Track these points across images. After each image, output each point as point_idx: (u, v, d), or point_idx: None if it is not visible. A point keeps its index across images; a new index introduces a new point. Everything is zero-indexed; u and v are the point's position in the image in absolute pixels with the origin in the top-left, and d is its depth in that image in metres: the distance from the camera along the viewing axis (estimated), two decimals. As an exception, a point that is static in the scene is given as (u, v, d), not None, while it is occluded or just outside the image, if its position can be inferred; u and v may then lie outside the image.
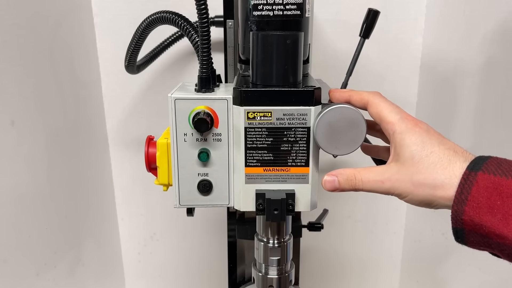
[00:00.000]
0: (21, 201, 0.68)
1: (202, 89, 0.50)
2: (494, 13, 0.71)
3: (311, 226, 0.77)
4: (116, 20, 0.88)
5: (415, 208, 0.44)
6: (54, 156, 0.77)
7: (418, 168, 0.42)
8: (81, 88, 0.85)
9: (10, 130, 0.65)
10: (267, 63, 0.46)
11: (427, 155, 0.42)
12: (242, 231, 0.73)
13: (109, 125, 0.95)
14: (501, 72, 0.71)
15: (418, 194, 0.43)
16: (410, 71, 0.92)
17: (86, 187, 0.88)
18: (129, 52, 0.70)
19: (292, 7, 0.48)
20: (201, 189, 0.50)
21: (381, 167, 0.46)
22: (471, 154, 0.43)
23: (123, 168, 0.98)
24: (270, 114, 0.46)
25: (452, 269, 0.88)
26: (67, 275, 0.82)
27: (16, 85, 0.65)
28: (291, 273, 0.60)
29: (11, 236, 0.66)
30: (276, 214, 0.48)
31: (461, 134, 0.81)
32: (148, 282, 1.08)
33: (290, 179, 0.49)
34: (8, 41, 0.63)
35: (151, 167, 0.53)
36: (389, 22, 0.88)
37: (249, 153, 0.48)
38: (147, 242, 1.04)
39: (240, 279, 0.79)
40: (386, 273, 1.07)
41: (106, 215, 0.99)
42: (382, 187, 0.44)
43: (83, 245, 0.88)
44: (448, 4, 0.83)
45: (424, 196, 0.42)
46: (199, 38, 0.49)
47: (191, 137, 0.49)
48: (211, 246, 1.04)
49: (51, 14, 0.75)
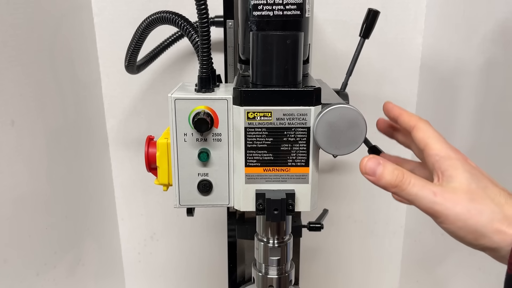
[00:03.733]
0: (21, 201, 0.68)
1: (202, 89, 0.50)
2: (494, 13, 0.71)
3: (311, 226, 0.77)
4: (116, 20, 0.88)
5: (415, 208, 0.43)
6: (54, 156, 0.77)
7: (476, 195, 0.39)
8: (81, 88, 0.85)
9: (10, 130, 0.65)
10: (267, 63, 0.46)
11: (484, 188, 0.39)
12: (242, 231, 0.73)
13: (109, 125, 0.96)
14: (501, 72, 0.71)
15: (471, 221, 0.38)
16: (410, 71, 0.92)
17: (86, 187, 0.88)
18: (129, 52, 0.70)
19: (292, 7, 0.48)
20: (201, 189, 0.50)
21: (430, 182, 0.41)
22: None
23: (123, 168, 0.98)
24: (270, 114, 0.46)
25: (452, 269, 0.88)
26: (67, 275, 0.82)
27: (16, 85, 0.65)
28: (291, 273, 0.60)
29: (11, 236, 0.66)
30: (276, 214, 0.48)
31: (461, 134, 0.81)
32: (148, 282, 1.08)
33: (290, 179, 0.49)
34: (8, 41, 0.63)
35: (151, 167, 0.53)
36: (389, 22, 0.88)
37: (249, 153, 0.48)
38: (147, 242, 1.04)
39: (240, 279, 0.79)
40: (386, 273, 1.07)
41: (106, 215, 0.99)
42: (431, 199, 0.39)
43: (83, 245, 0.88)
44: (448, 4, 0.83)
45: (478, 226, 0.38)
46: (199, 38, 0.48)
47: (191, 137, 0.49)
48: (211, 246, 1.04)
49: (51, 14, 0.75)
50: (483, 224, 0.38)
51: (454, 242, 0.43)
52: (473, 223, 0.38)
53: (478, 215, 0.38)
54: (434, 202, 0.39)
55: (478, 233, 0.38)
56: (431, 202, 0.39)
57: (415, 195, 0.40)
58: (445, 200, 0.39)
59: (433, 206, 0.39)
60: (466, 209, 0.38)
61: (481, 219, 0.38)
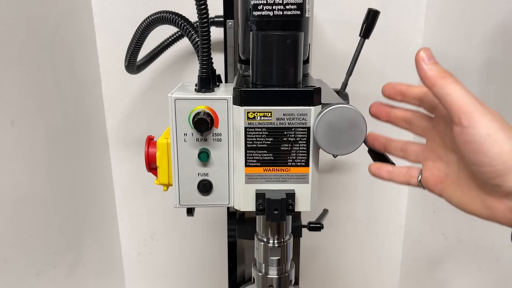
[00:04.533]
0: (21, 201, 0.68)
1: (202, 89, 0.50)
2: (494, 13, 0.71)
3: (311, 226, 0.77)
4: (116, 20, 0.88)
5: (415, 208, 0.43)
6: (54, 156, 0.77)
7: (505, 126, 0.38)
8: (81, 88, 0.85)
9: (10, 130, 0.65)
10: (267, 63, 0.46)
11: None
12: (242, 231, 0.73)
13: (109, 125, 0.96)
14: (501, 72, 0.71)
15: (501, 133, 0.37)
16: (410, 71, 0.92)
17: (86, 187, 0.88)
18: (129, 52, 0.70)
19: (292, 7, 0.48)
20: (201, 189, 0.50)
21: None
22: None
23: (123, 168, 0.98)
24: (270, 114, 0.46)
25: (452, 269, 0.88)
26: (67, 275, 0.82)
27: (16, 85, 0.65)
28: (291, 273, 0.60)
29: (11, 236, 0.66)
30: (276, 214, 0.48)
31: (461, 134, 0.81)
32: (148, 282, 1.08)
33: (290, 179, 0.49)
34: (8, 41, 0.63)
35: (151, 167, 0.53)
36: (389, 22, 0.88)
37: (249, 153, 0.48)
38: (147, 242, 1.04)
39: (240, 279, 0.79)
40: (386, 273, 1.07)
41: (106, 215, 0.99)
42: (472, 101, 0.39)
43: (83, 245, 0.88)
44: (448, 4, 0.83)
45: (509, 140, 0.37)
46: (199, 38, 0.49)
47: (191, 137, 0.49)
48: (211, 246, 1.04)
49: (51, 14, 0.75)
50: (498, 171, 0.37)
51: (454, 242, 0.42)
52: (504, 135, 0.37)
53: (511, 133, 0.38)
54: (473, 104, 0.39)
55: (506, 146, 0.37)
56: (470, 102, 0.39)
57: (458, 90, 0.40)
58: (484, 108, 0.39)
59: (472, 107, 0.39)
60: (501, 123, 0.38)
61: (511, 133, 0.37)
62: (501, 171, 0.38)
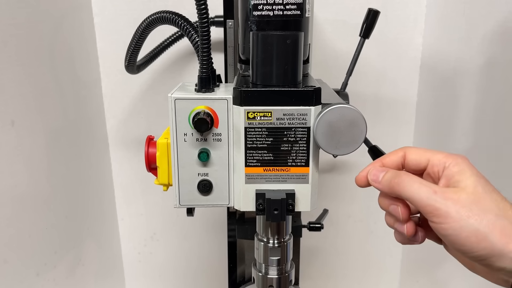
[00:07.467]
0: (21, 201, 0.68)
1: (202, 89, 0.50)
2: (494, 13, 0.71)
3: (311, 226, 0.77)
4: (116, 20, 0.88)
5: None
6: (54, 156, 0.77)
7: (480, 198, 0.38)
8: (81, 88, 0.85)
9: (10, 130, 0.65)
10: (267, 63, 0.46)
11: (490, 192, 0.38)
12: (242, 231, 0.73)
13: (109, 125, 0.96)
14: (501, 72, 0.71)
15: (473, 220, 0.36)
16: (410, 71, 0.92)
17: (86, 187, 0.88)
18: (129, 52, 0.70)
19: (292, 7, 0.48)
20: (201, 189, 0.50)
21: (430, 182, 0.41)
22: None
23: (123, 168, 0.98)
24: (270, 114, 0.46)
25: (452, 269, 0.88)
26: (67, 275, 0.82)
27: (16, 85, 0.65)
28: (291, 273, 0.60)
29: (11, 236, 0.66)
30: (276, 214, 0.48)
31: (461, 134, 0.81)
32: (148, 282, 1.08)
33: (290, 179, 0.49)
34: (8, 41, 0.63)
35: (151, 167, 0.53)
36: (389, 22, 0.88)
37: (249, 153, 0.48)
38: (147, 242, 1.04)
39: (240, 279, 0.79)
40: (386, 273, 1.07)
41: (106, 215, 0.99)
42: (430, 196, 0.38)
43: (83, 245, 0.88)
44: (448, 4, 0.83)
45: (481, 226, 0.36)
46: (199, 38, 0.49)
47: (191, 137, 0.49)
48: (211, 246, 1.04)
49: (51, 14, 0.75)
50: (486, 224, 0.36)
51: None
52: (476, 222, 0.36)
53: (481, 214, 0.37)
54: (434, 199, 0.38)
55: (480, 235, 0.36)
56: (430, 199, 0.38)
57: (414, 191, 0.39)
58: (445, 199, 0.38)
59: (434, 203, 0.38)
60: (469, 208, 0.37)
61: (485, 218, 0.37)
62: (485, 255, 0.37)
